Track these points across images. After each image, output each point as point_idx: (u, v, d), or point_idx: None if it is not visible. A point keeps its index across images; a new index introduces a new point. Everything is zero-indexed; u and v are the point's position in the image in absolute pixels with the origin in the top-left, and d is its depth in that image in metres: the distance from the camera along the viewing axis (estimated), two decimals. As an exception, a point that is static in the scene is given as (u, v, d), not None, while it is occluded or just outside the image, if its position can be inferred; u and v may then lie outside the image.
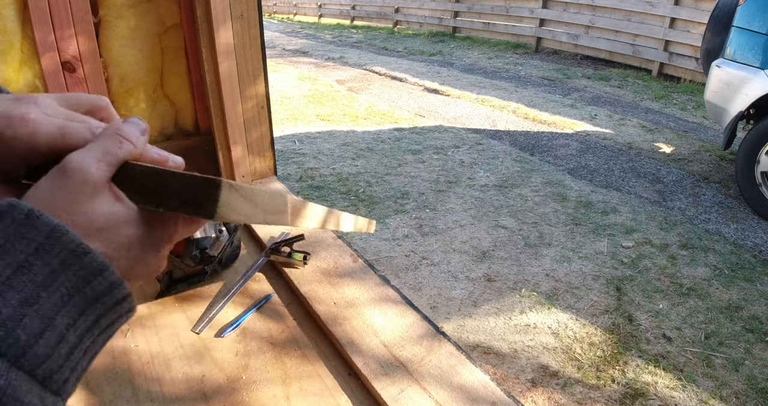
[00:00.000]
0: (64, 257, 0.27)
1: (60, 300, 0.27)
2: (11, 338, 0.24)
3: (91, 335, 0.28)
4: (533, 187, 3.50)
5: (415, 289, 2.41)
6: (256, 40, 1.12)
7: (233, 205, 0.32)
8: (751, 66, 3.15)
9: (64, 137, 0.31)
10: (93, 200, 0.30)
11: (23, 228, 0.26)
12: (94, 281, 0.28)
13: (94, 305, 0.28)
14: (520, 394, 1.83)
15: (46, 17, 0.99)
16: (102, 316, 0.29)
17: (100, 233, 0.30)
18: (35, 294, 0.26)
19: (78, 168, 0.29)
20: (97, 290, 0.28)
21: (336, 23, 12.60)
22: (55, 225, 0.27)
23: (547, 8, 7.77)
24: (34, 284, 0.26)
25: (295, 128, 4.76)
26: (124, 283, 0.29)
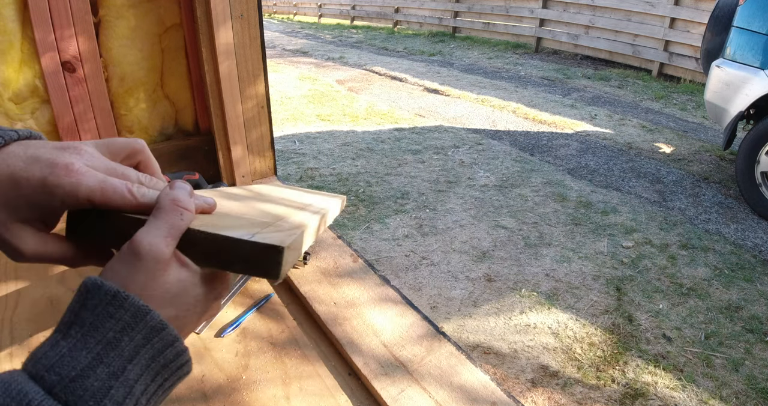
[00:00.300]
0: (146, 333, 0.30)
1: (141, 370, 0.30)
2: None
3: (156, 396, 0.32)
4: (533, 187, 3.50)
5: (415, 289, 2.41)
6: (256, 40, 1.12)
7: (289, 260, 0.35)
8: (751, 66, 3.15)
9: (104, 192, 0.34)
10: (165, 273, 0.33)
11: (111, 307, 0.30)
12: (166, 351, 0.32)
13: (164, 371, 0.32)
14: (520, 394, 1.82)
15: (46, 17, 0.99)
16: (167, 379, 0.33)
17: (173, 299, 0.34)
18: (122, 367, 0.29)
19: (150, 250, 0.32)
20: (167, 357, 0.32)
21: (336, 23, 12.60)
22: (140, 306, 0.31)
23: (547, 8, 7.77)
24: (121, 358, 0.29)
25: (295, 128, 4.76)
26: (187, 350, 0.33)
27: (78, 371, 0.28)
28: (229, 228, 0.36)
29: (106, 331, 0.29)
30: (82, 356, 0.29)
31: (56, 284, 0.92)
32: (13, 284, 0.92)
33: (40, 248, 0.35)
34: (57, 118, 1.07)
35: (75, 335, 0.30)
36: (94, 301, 0.30)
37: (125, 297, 0.30)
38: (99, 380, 0.28)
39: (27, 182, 0.33)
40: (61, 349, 0.29)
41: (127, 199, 0.35)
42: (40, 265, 0.98)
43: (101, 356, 0.29)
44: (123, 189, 0.35)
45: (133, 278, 0.32)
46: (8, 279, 0.94)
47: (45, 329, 0.82)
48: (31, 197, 0.33)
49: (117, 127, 1.18)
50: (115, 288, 0.30)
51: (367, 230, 2.94)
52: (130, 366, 0.30)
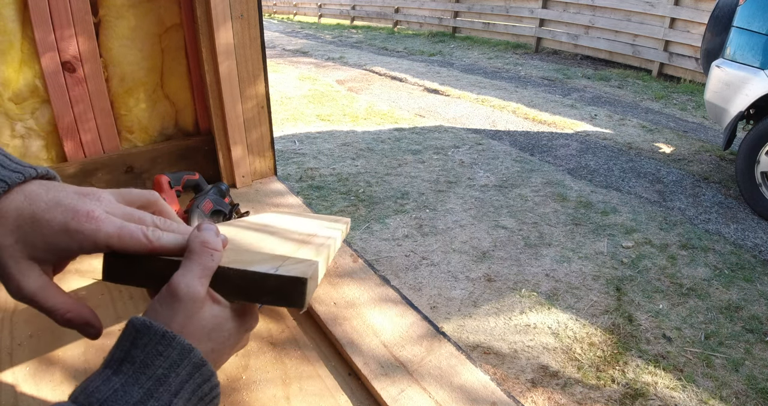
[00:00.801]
0: (190, 369, 0.33)
1: (183, 403, 0.33)
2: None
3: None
4: (533, 187, 3.50)
5: (415, 289, 2.41)
6: (256, 40, 1.12)
7: (311, 290, 0.39)
8: (751, 66, 3.15)
9: (121, 238, 0.37)
10: (201, 311, 0.36)
11: (160, 346, 0.33)
12: (204, 385, 0.34)
13: (200, 403, 0.34)
14: (520, 394, 1.82)
15: (46, 17, 0.99)
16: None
17: (210, 334, 0.37)
18: (169, 402, 0.32)
19: (187, 292, 0.35)
20: (204, 391, 0.35)
21: (336, 23, 12.60)
22: (185, 345, 0.33)
23: (547, 8, 7.77)
24: (168, 393, 0.32)
25: (295, 128, 4.76)
26: (219, 384, 0.36)
27: (135, 403, 0.30)
28: (253, 263, 0.39)
29: (156, 368, 0.32)
30: (135, 391, 0.31)
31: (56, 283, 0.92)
32: (13, 284, 0.92)
33: (40, 290, 0.37)
34: (57, 118, 1.07)
35: (127, 371, 0.32)
36: (144, 340, 0.33)
37: (173, 337, 0.33)
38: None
39: (48, 224, 0.35)
40: (114, 384, 0.31)
41: (142, 243, 0.37)
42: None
43: (152, 391, 0.31)
44: (139, 234, 0.37)
45: (173, 317, 0.35)
46: (8, 279, 0.93)
47: (45, 329, 0.81)
48: (50, 239, 0.35)
49: (117, 127, 1.18)
50: (163, 328, 0.33)
51: (367, 230, 2.94)
52: (176, 400, 0.32)
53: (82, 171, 1.12)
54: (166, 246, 0.38)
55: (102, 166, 1.14)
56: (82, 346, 0.79)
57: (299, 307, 0.38)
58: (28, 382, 0.72)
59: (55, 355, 0.77)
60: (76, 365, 0.75)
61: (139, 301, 0.90)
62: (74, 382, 0.72)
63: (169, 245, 0.38)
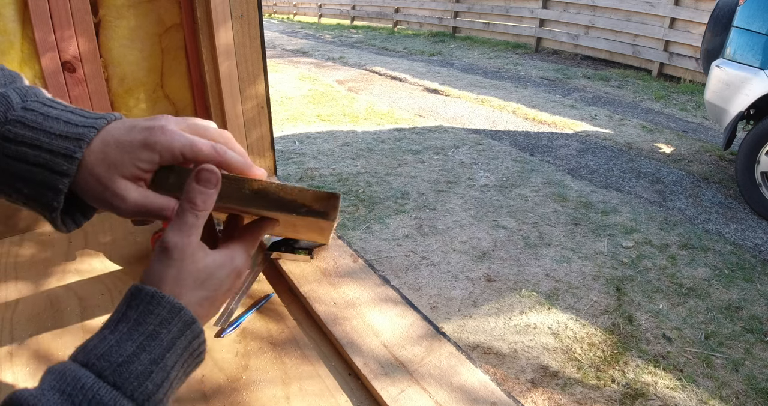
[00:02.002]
0: (181, 326, 0.36)
1: (176, 358, 0.36)
2: (141, 388, 0.33)
3: (180, 382, 0.37)
4: (533, 187, 3.50)
5: (415, 289, 2.41)
6: (256, 40, 1.12)
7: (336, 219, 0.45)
8: (751, 66, 3.15)
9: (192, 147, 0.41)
10: (192, 264, 0.39)
11: (150, 306, 0.36)
12: (194, 341, 0.37)
13: (191, 358, 0.37)
14: (520, 394, 1.82)
15: (46, 17, 0.99)
16: (191, 366, 0.38)
17: (203, 283, 0.40)
18: (161, 355, 0.35)
19: (175, 247, 0.38)
20: (194, 347, 0.37)
21: (336, 23, 12.60)
22: (174, 304, 0.37)
23: (547, 8, 7.77)
24: (161, 347, 0.35)
25: (295, 128, 4.76)
26: (205, 341, 0.39)
27: (124, 358, 0.33)
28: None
29: (147, 325, 0.35)
30: (128, 345, 0.34)
31: (56, 283, 0.92)
32: (13, 284, 0.92)
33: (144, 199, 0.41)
34: (57, 118, 1.07)
35: (122, 329, 0.35)
36: (137, 301, 0.36)
37: (161, 296, 0.36)
38: (142, 365, 0.33)
39: (130, 144, 0.39)
40: (110, 341, 0.34)
41: (212, 155, 0.41)
42: (40, 265, 0.98)
43: (144, 346, 0.34)
44: (209, 146, 0.42)
45: (166, 272, 0.38)
46: (8, 279, 0.94)
47: (45, 329, 0.82)
48: (135, 155, 0.39)
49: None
50: (153, 290, 0.36)
51: (367, 230, 2.94)
52: (168, 354, 0.35)
53: (82, 171, 1.11)
54: (231, 161, 0.43)
55: (102, 166, 1.13)
56: (82, 346, 0.79)
57: (332, 219, 0.43)
58: (28, 382, 0.72)
59: (55, 355, 0.77)
60: (76, 365, 0.75)
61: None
62: (74, 382, 0.72)
63: (234, 161, 0.43)
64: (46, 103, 0.40)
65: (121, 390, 0.32)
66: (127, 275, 0.96)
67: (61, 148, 0.38)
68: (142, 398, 0.33)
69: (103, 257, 1.02)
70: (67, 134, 0.38)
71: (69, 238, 1.08)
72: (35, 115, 0.39)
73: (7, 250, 1.03)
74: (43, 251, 1.03)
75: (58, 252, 1.03)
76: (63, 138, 0.38)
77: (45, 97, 0.42)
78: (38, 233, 1.09)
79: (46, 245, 1.05)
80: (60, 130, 0.38)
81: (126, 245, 1.06)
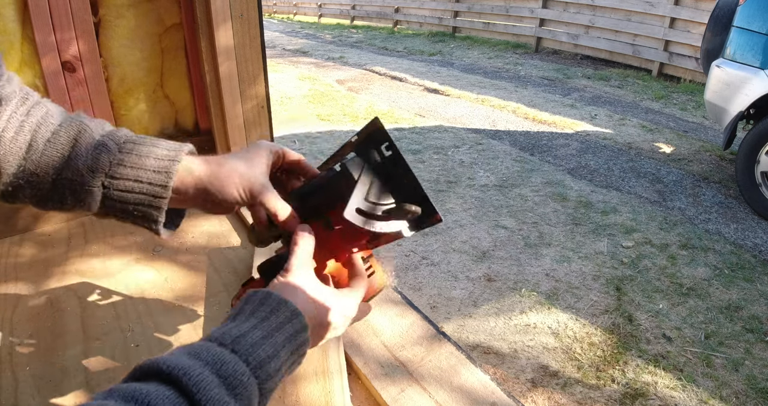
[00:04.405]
0: (287, 315, 0.44)
1: (284, 340, 0.43)
2: (255, 355, 0.40)
3: (287, 373, 0.44)
4: (533, 187, 3.50)
5: (415, 289, 2.41)
6: (256, 40, 1.12)
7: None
8: (751, 66, 3.15)
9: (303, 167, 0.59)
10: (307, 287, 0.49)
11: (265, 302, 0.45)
12: (299, 334, 0.45)
13: (297, 351, 0.45)
14: (520, 394, 1.83)
15: (46, 17, 0.99)
16: (296, 363, 0.45)
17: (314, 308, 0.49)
18: (271, 333, 0.42)
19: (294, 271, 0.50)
20: (299, 340, 0.45)
21: (336, 23, 12.60)
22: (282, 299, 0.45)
23: (547, 8, 7.76)
24: (270, 328, 0.43)
25: (295, 128, 4.76)
26: (309, 341, 0.47)
27: (241, 333, 0.41)
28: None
29: (260, 313, 0.44)
30: (245, 326, 0.42)
31: (56, 284, 0.92)
32: (13, 284, 0.92)
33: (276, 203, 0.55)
34: (57, 118, 1.07)
35: (240, 318, 0.44)
36: (253, 298, 0.45)
37: (271, 293, 0.46)
38: (254, 338, 0.41)
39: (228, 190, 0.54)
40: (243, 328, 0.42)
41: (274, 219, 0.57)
42: (40, 265, 0.98)
43: (256, 326, 0.42)
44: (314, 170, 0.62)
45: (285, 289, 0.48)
46: (8, 279, 0.94)
47: (45, 329, 0.82)
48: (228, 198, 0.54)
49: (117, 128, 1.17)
50: (265, 291, 0.46)
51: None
52: (277, 334, 0.43)
53: (82, 171, 1.11)
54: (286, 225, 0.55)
55: (102, 166, 1.13)
56: (82, 346, 0.79)
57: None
58: (28, 382, 0.72)
59: (55, 355, 0.77)
60: (76, 365, 0.75)
61: (138, 302, 0.90)
62: (74, 382, 0.72)
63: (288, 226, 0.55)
64: (135, 141, 0.51)
65: (238, 354, 0.39)
66: (127, 276, 0.96)
67: (157, 181, 0.50)
68: (255, 365, 0.39)
69: (103, 257, 1.02)
70: (159, 169, 0.50)
71: (69, 238, 1.08)
72: (131, 156, 0.50)
73: (7, 250, 1.03)
74: (43, 251, 1.03)
75: (58, 252, 1.03)
76: (156, 172, 0.50)
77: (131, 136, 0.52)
78: (38, 233, 1.09)
79: (46, 245, 1.05)
80: (153, 166, 0.50)
81: (126, 245, 1.06)
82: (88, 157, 0.48)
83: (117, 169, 0.49)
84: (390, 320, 0.82)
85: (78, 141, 0.49)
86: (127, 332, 0.82)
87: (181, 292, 0.93)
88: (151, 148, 0.51)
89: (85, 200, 0.49)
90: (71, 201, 0.49)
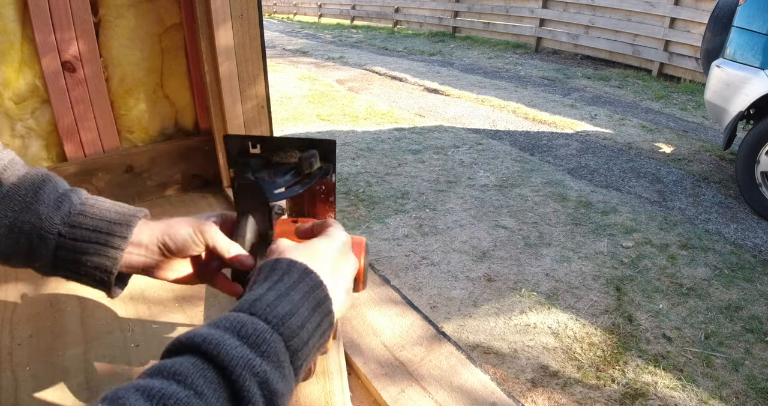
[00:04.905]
0: (299, 274, 0.44)
1: (301, 297, 0.43)
2: (273, 313, 0.40)
3: (316, 334, 0.43)
4: (533, 187, 3.50)
5: (415, 289, 2.41)
6: (256, 40, 1.12)
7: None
8: (751, 66, 3.15)
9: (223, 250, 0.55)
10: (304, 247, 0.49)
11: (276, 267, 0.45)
12: (317, 290, 0.44)
13: (319, 308, 0.44)
14: (520, 394, 1.83)
15: (46, 17, 0.99)
16: (323, 319, 0.44)
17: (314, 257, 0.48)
18: (286, 292, 0.42)
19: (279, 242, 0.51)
20: (319, 297, 0.44)
21: (336, 23, 12.60)
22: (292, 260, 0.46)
23: (547, 8, 7.76)
24: (284, 286, 0.43)
25: (295, 128, 4.76)
26: (331, 299, 0.45)
27: (256, 297, 0.41)
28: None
29: (274, 276, 0.44)
30: (259, 291, 0.42)
31: (56, 283, 0.92)
32: (13, 284, 0.92)
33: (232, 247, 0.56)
34: (57, 118, 1.07)
35: (254, 288, 0.44)
36: (263, 268, 0.46)
37: (282, 259, 0.46)
38: (271, 297, 0.41)
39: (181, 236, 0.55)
40: (258, 291, 0.43)
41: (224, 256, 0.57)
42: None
43: (271, 288, 0.43)
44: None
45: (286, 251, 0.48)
46: (8, 279, 0.94)
47: (45, 329, 0.82)
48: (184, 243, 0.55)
49: (117, 127, 1.18)
50: (273, 258, 0.46)
51: (367, 229, 2.94)
52: (293, 292, 0.43)
53: (82, 171, 1.12)
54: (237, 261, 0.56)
55: (102, 166, 1.14)
56: (82, 346, 0.79)
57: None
58: (28, 382, 0.72)
59: (55, 355, 0.77)
60: (76, 365, 0.75)
61: (138, 302, 0.90)
62: (74, 381, 0.72)
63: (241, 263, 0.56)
64: (98, 199, 0.54)
65: (256, 315, 0.40)
66: (127, 275, 0.96)
67: (116, 231, 0.51)
68: (275, 322, 0.40)
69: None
70: (119, 221, 0.52)
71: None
72: (93, 208, 0.52)
73: (7, 250, 1.03)
74: (43, 251, 1.03)
75: (58, 252, 1.02)
76: (116, 224, 0.51)
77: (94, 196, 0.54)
78: (38, 232, 1.09)
79: (46, 244, 1.05)
80: (113, 219, 0.52)
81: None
82: (50, 204, 0.50)
83: (77, 218, 0.51)
84: (390, 320, 0.82)
85: (42, 189, 0.50)
86: (127, 332, 0.82)
87: (181, 292, 0.93)
88: (112, 205, 0.53)
89: (37, 248, 0.49)
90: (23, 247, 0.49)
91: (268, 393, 0.36)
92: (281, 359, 0.38)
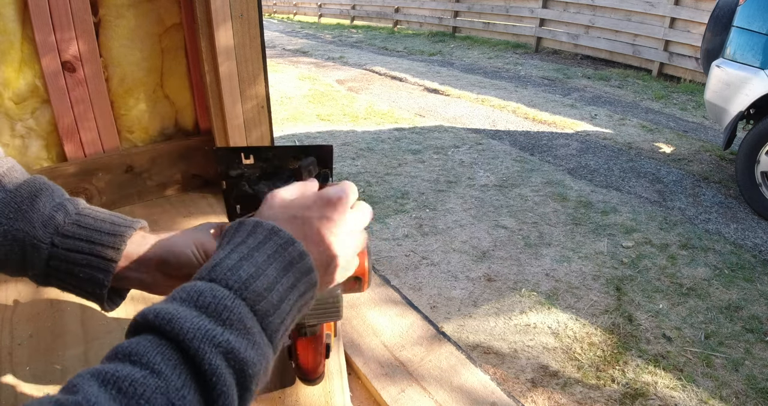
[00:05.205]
0: (266, 234, 0.41)
1: (268, 258, 0.39)
2: (234, 277, 0.37)
3: (292, 296, 0.40)
4: (533, 187, 3.50)
5: (415, 289, 2.41)
6: (256, 40, 1.12)
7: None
8: (751, 66, 3.15)
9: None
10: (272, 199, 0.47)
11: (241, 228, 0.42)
12: (289, 247, 0.40)
13: (292, 267, 0.40)
14: (520, 394, 1.83)
15: (46, 17, 0.99)
16: (299, 281, 0.40)
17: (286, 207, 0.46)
18: (249, 254, 0.39)
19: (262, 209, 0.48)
20: (291, 255, 0.40)
21: (336, 23, 12.59)
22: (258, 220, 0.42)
23: (547, 8, 7.76)
24: (247, 247, 0.40)
25: (295, 128, 4.76)
26: (309, 256, 0.41)
27: (217, 262, 0.39)
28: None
29: (237, 238, 0.41)
30: (224, 252, 0.40)
31: (56, 284, 0.92)
32: (13, 284, 0.92)
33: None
34: (57, 118, 1.07)
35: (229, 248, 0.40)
36: (228, 230, 0.43)
37: (243, 221, 0.42)
38: (232, 260, 0.38)
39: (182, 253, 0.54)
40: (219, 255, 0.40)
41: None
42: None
43: (232, 251, 0.39)
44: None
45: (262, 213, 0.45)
46: (8, 279, 0.94)
47: (45, 329, 0.81)
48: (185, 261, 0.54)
49: (117, 127, 1.18)
50: (238, 220, 0.43)
51: (367, 229, 2.94)
52: (257, 253, 0.39)
53: (82, 171, 1.11)
54: None
55: (102, 166, 1.14)
56: (82, 346, 0.79)
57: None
58: (28, 382, 0.72)
59: (55, 355, 0.77)
60: (76, 365, 0.75)
61: (138, 302, 0.90)
62: (74, 382, 0.72)
63: None
64: (95, 209, 0.53)
65: (215, 282, 0.37)
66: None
67: (109, 242, 0.50)
68: (238, 286, 0.37)
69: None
70: (113, 232, 0.51)
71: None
72: (87, 219, 0.51)
73: (7, 250, 1.03)
74: (43, 251, 1.03)
75: (58, 252, 1.02)
76: (110, 235, 0.50)
77: (91, 206, 0.54)
78: (38, 232, 1.09)
79: (46, 244, 1.05)
80: (107, 230, 0.51)
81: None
82: (45, 213, 0.50)
83: (71, 227, 0.50)
84: (390, 320, 0.82)
85: (39, 197, 0.50)
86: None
87: (181, 292, 0.92)
88: (108, 216, 0.52)
89: (30, 257, 0.49)
90: (17, 255, 0.49)
91: (236, 363, 0.33)
92: (248, 326, 0.35)
